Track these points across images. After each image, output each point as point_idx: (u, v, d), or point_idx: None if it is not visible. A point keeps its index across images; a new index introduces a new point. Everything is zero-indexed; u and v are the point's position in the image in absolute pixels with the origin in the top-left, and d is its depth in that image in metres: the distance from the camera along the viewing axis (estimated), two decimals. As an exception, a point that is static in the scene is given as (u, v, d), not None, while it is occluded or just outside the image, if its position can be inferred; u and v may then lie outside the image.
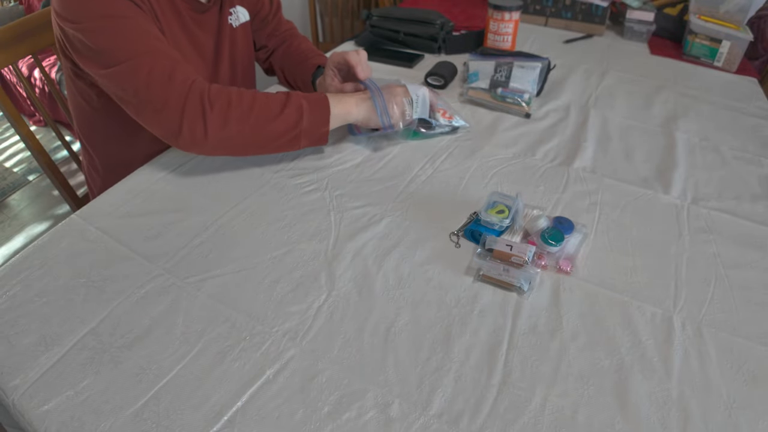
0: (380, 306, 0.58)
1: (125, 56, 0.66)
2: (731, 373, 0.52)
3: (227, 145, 0.71)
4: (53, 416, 0.47)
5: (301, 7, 2.34)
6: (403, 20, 1.22)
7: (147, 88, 0.67)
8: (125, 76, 0.67)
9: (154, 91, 0.67)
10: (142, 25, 0.68)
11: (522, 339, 0.54)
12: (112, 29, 0.66)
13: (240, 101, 0.70)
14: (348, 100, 0.78)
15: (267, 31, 1.01)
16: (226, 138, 0.69)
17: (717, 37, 1.19)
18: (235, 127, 0.69)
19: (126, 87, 0.68)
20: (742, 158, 0.86)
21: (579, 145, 0.87)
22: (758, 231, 0.70)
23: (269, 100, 0.72)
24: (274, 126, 0.71)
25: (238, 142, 0.71)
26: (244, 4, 0.93)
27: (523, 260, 0.60)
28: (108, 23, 0.66)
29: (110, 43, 0.66)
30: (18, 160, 2.22)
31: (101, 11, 0.66)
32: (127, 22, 0.67)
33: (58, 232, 0.67)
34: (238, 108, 0.69)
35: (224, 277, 0.61)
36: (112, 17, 0.66)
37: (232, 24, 0.90)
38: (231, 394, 0.49)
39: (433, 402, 0.48)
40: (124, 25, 0.67)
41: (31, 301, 0.57)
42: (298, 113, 0.72)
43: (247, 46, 0.97)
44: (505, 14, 1.14)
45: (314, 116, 0.74)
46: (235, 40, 0.92)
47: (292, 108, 0.72)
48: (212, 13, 0.86)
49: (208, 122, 0.67)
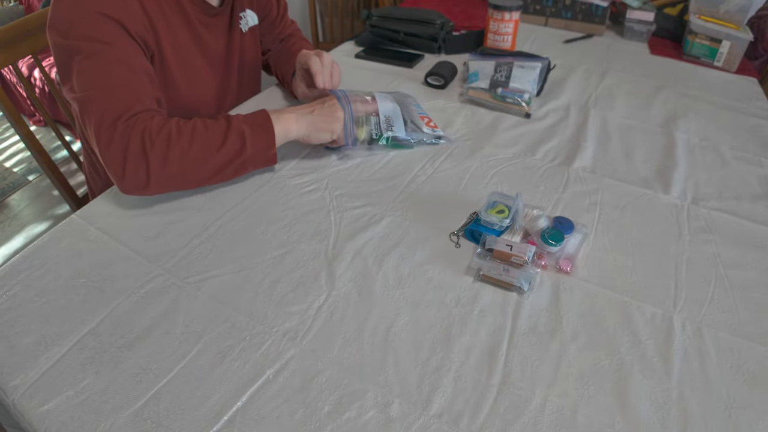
0: (380, 306, 0.58)
1: (89, 86, 0.65)
2: (731, 373, 0.52)
3: (171, 184, 0.67)
4: (53, 416, 0.47)
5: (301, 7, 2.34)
6: (403, 20, 1.22)
7: (99, 125, 0.64)
8: (84, 107, 0.65)
9: (103, 130, 0.64)
10: (119, 55, 0.67)
11: (522, 339, 0.54)
12: (91, 54, 0.65)
13: (179, 137, 0.65)
14: (287, 116, 0.73)
15: (273, 34, 1.01)
16: (168, 177, 0.66)
17: (717, 37, 1.19)
18: (177, 165, 0.65)
19: (83, 117, 0.66)
20: (742, 158, 0.86)
21: (579, 145, 0.87)
22: (758, 231, 0.70)
23: (209, 130, 0.67)
24: (217, 159, 0.67)
25: (181, 180, 0.67)
26: (254, 8, 0.93)
27: (523, 260, 0.60)
28: (90, 47, 0.65)
29: (83, 68, 0.65)
30: (18, 160, 2.22)
31: (87, 32, 0.65)
32: (108, 50, 0.66)
33: (58, 232, 0.67)
34: (178, 144, 0.65)
35: (224, 277, 0.61)
36: (95, 41, 0.65)
37: (242, 28, 0.90)
38: (231, 394, 0.49)
39: (433, 402, 0.48)
40: (103, 52, 0.66)
41: (31, 301, 0.57)
42: (241, 140, 0.68)
43: (255, 50, 0.97)
44: (505, 14, 1.14)
45: (258, 141, 0.69)
46: (244, 45, 0.92)
47: (233, 136, 0.67)
48: (223, 17, 0.85)
49: (150, 163, 0.64)
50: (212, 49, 0.85)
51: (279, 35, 1.03)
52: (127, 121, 0.64)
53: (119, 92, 0.66)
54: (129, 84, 0.67)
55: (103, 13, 0.65)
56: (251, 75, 0.98)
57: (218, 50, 0.87)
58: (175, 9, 0.76)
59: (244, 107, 0.96)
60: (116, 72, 0.66)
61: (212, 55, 0.86)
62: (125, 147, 0.63)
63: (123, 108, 0.65)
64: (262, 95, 1.01)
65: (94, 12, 0.65)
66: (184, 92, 0.82)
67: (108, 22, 0.66)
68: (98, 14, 0.65)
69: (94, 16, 0.65)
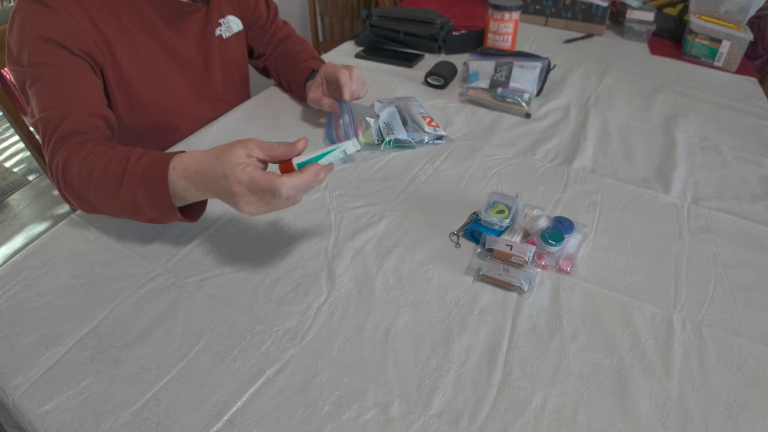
0: (380, 306, 0.58)
1: (36, 110, 0.66)
2: (731, 373, 0.52)
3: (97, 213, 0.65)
4: (53, 416, 0.47)
5: (301, 6, 2.34)
6: (403, 20, 1.22)
7: (42, 147, 0.67)
8: (36, 130, 0.68)
9: (44, 152, 0.66)
10: (59, 76, 0.67)
11: (522, 339, 0.54)
12: (36, 78, 0.66)
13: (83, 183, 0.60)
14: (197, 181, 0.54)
15: (265, 39, 1.00)
16: (85, 207, 0.64)
17: (717, 36, 1.19)
18: (86, 202, 0.63)
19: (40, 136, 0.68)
20: (742, 158, 0.86)
21: (579, 145, 0.87)
22: (758, 231, 0.70)
23: (105, 177, 0.59)
24: (116, 206, 0.60)
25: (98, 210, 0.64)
26: (237, 14, 0.91)
27: (523, 260, 0.60)
28: (35, 72, 0.66)
29: (33, 93, 0.67)
30: (18, 160, 2.22)
31: (32, 58, 0.66)
32: (49, 72, 0.66)
33: (58, 232, 0.67)
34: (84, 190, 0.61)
35: (224, 277, 0.61)
36: (39, 65, 0.66)
37: (222, 35, 0.88)
38: (231, 394, 0.49)
39: (433, 402, 0.48)
40: (44, 75, 0.66)
41: (31, 300, 0.57)
42: (134, 202, 0.57)
43: (242, 57, 0.96)
44: (505, 14, 1.14)
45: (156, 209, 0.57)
46: (226, 52, 0.90)
47: (126, 196, 0.57)
48: (196, 17, 0.82)
49: (66, 195, 0.64)
50: (182, 52, 0.82)
51: (272, 38, 1.01)
52: (52, 147, 0.65)
53: (52, 113, 0.66)
54: (62, 104, 0.66)
55: (42, 36, 0.65)
56: (238, 82, 0.97)
57: (190, 54, 0.83)
58: (131, 14, 0.73)
59: (239, 110, 0.96)
60: (54, 93, 0.67)
61: (183, 59, 0.82)
62: (51, 173, 0.65)
63: (52, 130, 0.65)
64: (262, 95, 1.01)
65: (35, 37, 0.65)
66: (147, 99, 0.79)
67: (47, 45, 0.66)
68: (38, 38, 0.65)
69: (35, 41, 0.66)
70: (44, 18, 0.66)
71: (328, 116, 0.90)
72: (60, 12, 0.66)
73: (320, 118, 0.93)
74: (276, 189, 0.49)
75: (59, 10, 0.66)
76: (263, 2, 0.98)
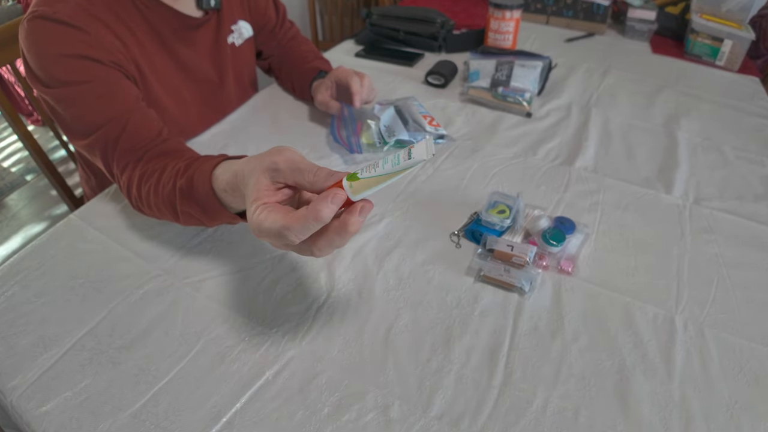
0: (380, 307, 0.57)
1: (89, 129, 0.63)
2: (733, 374, 0.51)
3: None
4: (52, 417, 0.46)
5: (301, 5, 2.34)
6: (403, 19, 1.21)
7: (105, 168, 0.65)
8: (90, 153, 0.65)
9: (108, 173, 0.65)
10: (102, 89, 0.63)
11: (523, 340, 0.54)
12: (78, 99, 0.62)
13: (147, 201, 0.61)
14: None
15: (275, 42, 1.00)
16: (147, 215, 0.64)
17: (719, 36, 1.18)
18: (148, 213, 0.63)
19: (94, 160, 0.66)
20: (744, 158, 0.86)
21: (580, 145, 0.87)
22: (760, 231, 0.70)
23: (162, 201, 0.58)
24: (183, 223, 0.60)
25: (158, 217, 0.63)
26: (247, 19, 0.89)
27: (524, 260, 0.60)
28: (73, 92, 0.62)
29: (78, 118, 0.63)
30: (16, 160, 2.22)
31: (64, 78, 0.61)
32: (89, 88, 0.62)
33: (57, 233, 0.67)
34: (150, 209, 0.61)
35: (223, 278, 0.60)
36: (74, 84, 0.62)
37: (235, 42, 0.86)
38: (230, 396, 0.48)
39: (434, 403, 0.48)
40: (87, 92, 0.62)
41: (29, 301, 0.57)
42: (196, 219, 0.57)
43: (251, 62, 0.95)
44: (506, 13, 1.14)
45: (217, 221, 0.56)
46: (239, 61, 0.88)
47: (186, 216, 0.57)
48: (207, 29, 0.80)
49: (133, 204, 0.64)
50: (196, 67, 0.80)
51: (281, 41, 1.00)
52: (116, 164, 0.63)
53: (108, 130, 0.63)
54: (113, 118, 0.63)
55: (69, 54, 0.61)
56: (248, 88, 0.96)
57: (203, 68, 0.81)
58: (144, 30, 0.70)
59: (239, 109, 0.96)
60: (102, 108, 0.63)
61: (196, 74, 0.81)
62: (120, 189, 0.65)
63: (112, 147, 0.63)
64: (262, 94, 1.01)
65: (61, 56, 0.61)
66: (172, 111, 0.78)
67: (77, 61, 0.62)
68: (65, 57, 0.61)
69: (63, 60, 0.61)
70: (66, 36, 0.61)
71: (331, 116, 0.89)
72: (82, 28, 0.62)
73: (320, 118, 0.92)
74: (285, 237, 0.40)
75: (80, 27, 0.62)
76: (272, 5, 0.97)
